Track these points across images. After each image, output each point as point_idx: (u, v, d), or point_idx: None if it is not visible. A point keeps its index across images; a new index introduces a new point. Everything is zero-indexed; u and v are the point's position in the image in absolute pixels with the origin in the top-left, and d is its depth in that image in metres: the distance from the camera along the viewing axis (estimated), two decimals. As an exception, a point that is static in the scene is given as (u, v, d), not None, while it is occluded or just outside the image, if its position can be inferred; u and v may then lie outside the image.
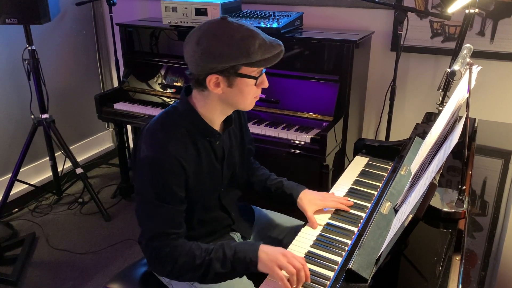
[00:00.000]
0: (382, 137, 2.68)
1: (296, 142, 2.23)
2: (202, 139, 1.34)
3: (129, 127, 3.37)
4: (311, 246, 1.34)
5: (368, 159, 1.85)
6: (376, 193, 1.59)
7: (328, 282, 1.17)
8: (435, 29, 2.47)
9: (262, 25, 2.39)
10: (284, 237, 1.60)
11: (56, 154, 3.03)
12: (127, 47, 2.90)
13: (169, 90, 2.76)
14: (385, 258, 1.04)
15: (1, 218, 2.85)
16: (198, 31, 1.22)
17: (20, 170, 2.83)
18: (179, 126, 1.30)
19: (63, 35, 3.27)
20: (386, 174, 1.71)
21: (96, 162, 3.64)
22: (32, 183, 3.03)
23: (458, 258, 1.05)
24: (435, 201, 1.25)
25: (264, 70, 1.28)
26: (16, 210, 2.99)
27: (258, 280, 1.24)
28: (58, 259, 2.54)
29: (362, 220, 1.43)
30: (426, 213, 1.00)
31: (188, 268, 1.24)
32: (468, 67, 1.17)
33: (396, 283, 1.08)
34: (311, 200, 1.50)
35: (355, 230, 1.40)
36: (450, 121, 1.19)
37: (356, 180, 1.69)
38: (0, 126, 2.91)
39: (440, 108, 1.92)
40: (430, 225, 1.21)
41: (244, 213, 1.66)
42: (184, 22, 2.61)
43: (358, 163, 1.81)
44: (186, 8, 2.57)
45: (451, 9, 1.92)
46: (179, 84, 2.74)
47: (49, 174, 3.16)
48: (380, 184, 1.65)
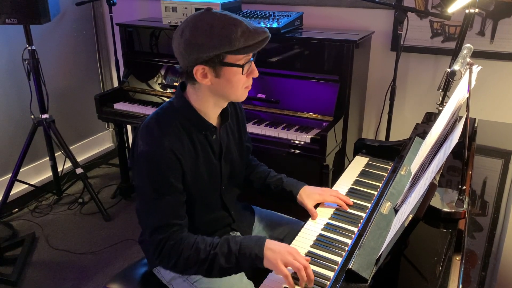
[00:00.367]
0: (382, 137, 2.68)
1: (296, 142, 2.22)
2: (198, 133, 1.35)
3: (129, 127, 3.37)
4: (311, 246, 1.34)
5: (368, 159, 1.85)
6: (376, 193, 1.59)
7: (328, 282, 1.17)
8: (435, 29, 2.47)
9: (262, 25, 2.38)
10: (284, 237, 1.60)
11: (56, 154, 3.03)
12: (127, 47, 2.90)
13: (169, 90, 2.75)
14: (385, 258, 1.03)
15: (1, 218, 2.85)
16: (183, 24, 1.23)
17: (20, 170, 2.83)
18: (175, 121, 1.31)
19: (63, 35, 3.27)
20: (386, 174, 1.71)
21: (96, 162, 3.64)
22: (32, 183, 3.03)
23: (458, 258, 1.05)
24: (435, 201, 1.25)
25: (252, 59, 1.27)
26: (16, 210, 2.99)
27: (258, 280, 1.24)
28: (58, 259, 2.54)
29: (362, 220, 1.43)
30: (426, 213, 1.00)
31: (192, 262, 1.25)
32: (468, 67, 1.17)
33: (396, 283, 1.08)
34: (310, 195, 1.53)
35: (355, 230, 1.40)
36: (450, 121, 1.19)
37: (356, 180, 1.69)
38: (0, 126, 2.91)
39: (440, 108, 1.92)
40: (430, 225, 1.21)
41: (244, 212, 1.66)
42: (184, 22, 2.61)
43: (358, 163, 1.81)
44: (186, 8, 2.57)
45: (451, 9, 1.92)
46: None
47: (49, 174, 3.16)
48: (380, 184, 1.65)
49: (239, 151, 1.53)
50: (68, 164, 3.11)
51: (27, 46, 2.66)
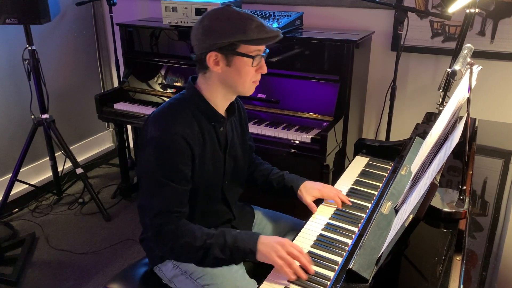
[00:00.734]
0: (383, 137, 2.68)
1: (296, 142, 2.22)
2: (207, 123, 1.39)
3: (129, 127, 3.37)
4: (312, 246, 1.33)
5: (368, 159, 1.85)
6: (376, 193, 1.59)
7: (329, 283, 1.17)
8: (435, 29, 2.47)
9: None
10: (284, 236, 1.60)
11: (56, 154, 3.03)
12: (127, 47, 2.90)
13: (169, 90, 2.75)
14: (385, 258, 1.03)
15: (1, 218, 2.85)
16: (204, 14, 1.32)
17: (20, 170, 2.83)
18: (186, 109, 1.36)
19: (63, 35, 3.27)
20: (387, 174, 1.71)
21: (96, 162, 3.64)
22: (32, 183, 3.03)
23: (459, 258, 1.05)
24: (436, 201, 1.25)
25: (263, 54, 1.34)
26: (16, 210, 2.99)
27: (260, 278, 1.24)
28: (58, 259, 2.54)
29: (362, 220, 1.43)
30: (426, 213, 1.00)
31: (188, 249, 1.29)
32: (468, 67, 1.17)
33: (396, 283, 1.08)
34: (309, 190, 1.56)
35: (356, 230, 1.39)
36: (451, 121, 1.19)
37: (357, 180, 1.69)
38: (0, 126, 2.91)
39: (441, 108, 1.92)
40: (431, 225, 1.21)
41: (245, 211, 1.67)
42: (184, 22, 2.61)
43: (359, 163, 1.81)
44: (186, 8, 2.57)
45: (451, 9, 1.92)
46: (179, 84, 2.73)
47: (49, 174, 3.16)
48: (380, 184, 1.64)
49: (242, 148, 1.56)
50: (68, 164, 3.11)
51: (27, 46, 2.65)
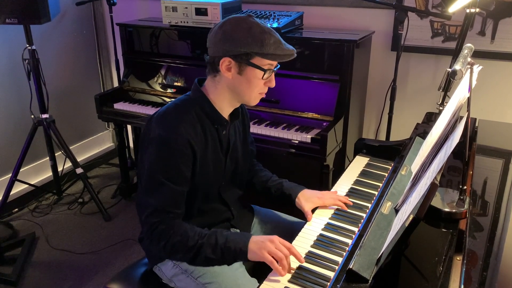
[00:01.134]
0: (383, 137, 2.68)
1: (297, 142, 2.22)
2: (211, 126, 1.40)
3: (129, 127, 3.37)
4: (312, 246, 1.34)
5: (368, 159, 1.85)
6: (376, 193, 1.59)
7: (329, 283, 1.17)
8: (435, 29, 2.46)
9: (263, 25, 2.38)
10: (284, 236, 1.59)
11: (56, 154, 3.03)
12: (127, 47, 2.90)
13: (169, 90, 2.75)
14: (386, 259, 1.03)
15: (1, 218, 2.85)
16: (224, 19, 1.33)
17: (20, 170, 2.83)
18: (190, 110, 1.37)
19: (63, 35, 3.26)
20: (387, 174, 1.71)
21: (96, 162, 3.63)
22: (32, 183, 3.02)
23: (459, 258, 1.05)
24: (436, 201, 1.25)
25: (274, 69, 1.36)
26: (16, 210, 2.98)
27: (261, 277, 1.24)
28: (58, 259, 2.54)
29: (362, 220, 1.43)
30: (427, 213, 1.00)
31: (180, 248, 1.31)
32: (469, 66, 1.17)
33: (397, 283, 1.08)
34: (308, 198, 1.55)
35: (356, 230, 1.39)
36: (451, 121, 1.19)
37: (357, 180, 1.69)
38: (0, 126, 2.91)
39: (441, 108, 1.92)
40: (431, 225, 1.21)
41: (244, 210, 1.68)
42: (184, 22, 2.61)
43: (359, 163, 1.81)
44: (186, 8, 2.57)
45: (451, 8, 1.91)
46: (179, 84, 2.73)
47: (49, 174, 3.15)
48: (380, 184, 1.64)
49: (243, 152, 1.56)
50: (68, 164, 3.11)
51: (27, 46, 2.65)
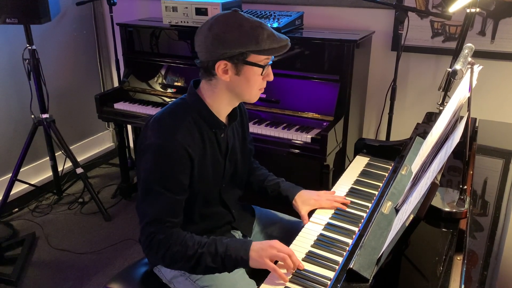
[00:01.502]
0: (383, 137, 2.68)
1: (297, 142, 2.22)
2: (208, 130, 1.37)
3: (129, 127, 3.37)
4: (312, 246, 1.33)
5: (368, 159, 1.84)
6: (377, 193, 1.59)
7: (329, 282, 1.17)
8: (435, 29, 2.46)
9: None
10: (284, 235, 1.59)
11: (56, 154, 3.03)
12: (127, 47, 2.90)
13: (169, 90, 2.75)
14: (386, 258, 1.03)
15: (1, 218, 2.85)
16: (211, 20, 1.27)
17: (20, 170, 2.83)
18: (187, 115, 1.33)
19: (63, 35, 3.27)
20: (387, 174, 1.71)
21: (96, 162, 3.63)
22: (32, 183, 3.03)
23: (459, 258, 1.05)
24: (436, 201, 1.25)
25: (270, 62, 1.33)
26: (16, 210, 2.99)
27: (260, 279, 1.24)
28: (58, 259, 2.54)
29: (363, 220, 1.43)
30: (427, 213, 1.00)
31: (179, 257, 1.28)
32: (469, 66, 1.17)
33: (397, 283, 1.08)
34: (305, 201, 1.53)
35: (356, 230, 1.39)
36: (451, 121, 1.19)
37: (357, 180, 1.69)
38: (0, 126, 2.91)
39: (441, 108, 1.92)
40: (431, 225, 1.21)
41: (244, 212, 1.66)
42: (184, 22, 2.61)
43: (359, 163, 1.81)
44: (187, 7, 2.57)
45: (452, 8, 1.91)
46: (179, 84, 2.73)
47: (49, 174, 3.15)
48: (381, 184, 1.64)
49: (243, 152, 1.54)
50: (68, 164, 3.11)
51: (28, 45, 2.65)
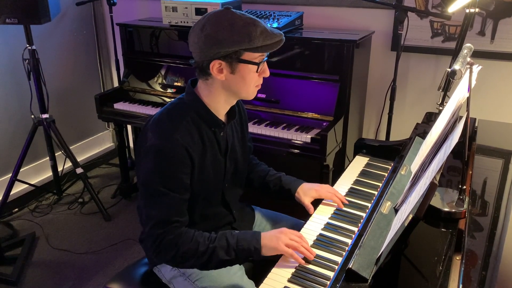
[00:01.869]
0: (383, 137, 2.68)
1: (296, 142, 2.22)
2: (207, 129, 1.37)
3: (129, 127, 3.37)
4: (312, 246, 1.33)
5: (368, 159, 1.85)
6: (376, 193, 1.59)
7: (328, 282, 1.17)
8: (435, 29, 2.47)
9: (262, 25, 2.38)
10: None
11: (56, 154, 3.03)
12: (127, 47, 2.90)
13: (169, 90, 2.75)
14: (385, 258, 1.03)
15: (1, 218, 2.85)
16: (203, 19, 1.27)
17: (20, 170, 2.83)
18: (186, 115, 1.34)
19: (63, 35, 3.27)
20: (387, 174, 1.71)
21: (96, 162, 3.64)
22: (32, 183, 3.03)
23: (458, 258, 1.05)
24: (436, 201, 1.25)
25: (265, 58, 1.32)
26: (16, 210, 2.99)
27: (258, 280, 1.24)
28: (58, 259, 2.54)
29: (362, 220, 1.44)
30: (426, 213, 1.00)
31: (191, 255, 1.28)
32: (468, 66, 1.17)
33: (396, 283, 1.08)
34: (306, 191, 1.55)
35: (355, 230, 1.40)
36: (451, 121, 1.19)
37: (357, 180, 1.69)
38: (0, 126, 2.91)
39: (441, 108, 1.92)
40: (431, 225, 1.21)
41: (245, 212, 1.67)
42: (184, 22, 2.61)
43: (358, 163, 1.81)
44: (186, 8, 2.57)
45: (451, 8, 1.92)
46: (179, 84, 2.73)
47: (49, 174, 3.15)
48: (380, 184, 1.65)
49: (242, 150, 1.55)
50: (68, 164, 3.11)
51: (27, 46, 2.65)
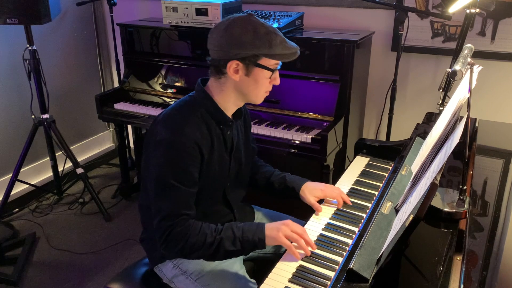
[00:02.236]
0: (383, 137, 2.68)
1: (297, 142, 2.22)
2: (215, 126, 1.40)
3: (129, 127, 3.37)
4: (312, 246, 1.34)
5: (368, 159, 1.85)
6: (377, 193, 1.59)
7: (329, 282, 1.17)
8: (435, 29, 2.47)
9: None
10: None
11: (56, 154, 3.03)
12: (127, 47, 2.90)
13: (169, 90, 2.75)
14: (386, 258, 1.03)
15: (1, 218, 2.85)
16: (226, 21, 1.32)
17: (21, 170, 2.83)
18: (196, 111, 1.37)
19: (63, 35, 3.27)
20: (387, 174, 1.71)
21: (96, 162, 3.64)
22: (32, 183, 3.03)
23: (459, 258, 1.05)
24: (436, 201, 1.25)
25: (278, 67, 1.37)
26: (17, 210, 2.99)
27: (260, 278, 1.24)
28: (59, 259, 2.54)
29: (363, 220, 1.44)
30: (427, 213, 1.00)
31: (199, 246, 1.31)
32: (469, 67, 1.17)
33: (397, 283, 1.08)
34: (312, 190, 1.55)
35: (356, 230, 1.40)
36: (451, 121, 1.19)
37: (357, 180, 1.69)
38: (1, 126, 2.91)
39: (441, 108, 1.92)
40: (431, 225, 1.21)
41: (245, 211, 1.67)
42: (184, 22, 2.61)
43: (359, 163, 1.81)
44: (187, 8, 2.57)
45: (451, 9, 1.92)
46: (179, 84, 2.73)
47: (49, 174, 3.16)
48: (381, 184, 1.65)
49: (246, 151, 1.57)
50: (69, 164, 3.11)
51: (28, 46, 2.66)
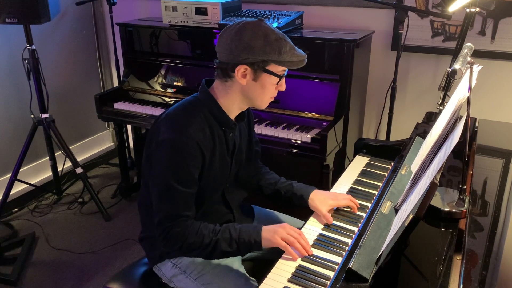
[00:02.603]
0: (383, 136, 2.68)
1: (297, 141, 2.22)
2: (218, 128, 1.40)
3: (129, 127, 3.37)
4: (312, 246, 1.33)
5: (368, 158, 1.85)
6: (376, 192, 1.59)
7: (329, 282, 1.17)
8: (435, 28, 2.46)
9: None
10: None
11: (56, 154, 3.03)
12: (127, 47, 2.90)
13: (169, 90, 2.75)
14: (385, 258, 1.03)
15: (1, 218, 2.85)
16: (237, 25, 1.32)
17: (20, 170, 2.83)
18: (199, 112, 1.37)
19: (63, 35, 3.27)
20: (387, 174, 1.71)
21: (96, 162, 3.63)
22: (32, 182, 3.02)
23: (459, 258, 1.05)
24: (436, 200, 1.25)
25: (285, 73, 1.38)
26: (16, 210, 2.99)
27: (260, 277, 1.24)
28: (58, 259, 2.54)
29: (362, 220, 1.43)
30: (426, 212, 1.00)
31: (196, 246, 1.33)
32: (469, 66, 1.16)
33: (396, 283, 1.08)
34: (323, 200, 1.51)
35: (356, 229, 1.39)
36: (451, 120, 1.19)
37: (357, 179, 1.69)
38: (0, 126, 2.91)
39: (441, 107, 1.92)
40: (431, 224, 1.21)
41: (244, 211, 1.68)
42: (184, 22, 2.61)
43: (359, 163, 1.81)
44: (186, 7, 2.57)
45: (451, 8, 1.91)
46: (179, 83, 2.73)
47: (49, 173, 3.15)
48: (380, 184, 1.64)
49: (248, 153, 1.57)
50: (68, 163, 3.11)
51: (27, 45, 2.65)
